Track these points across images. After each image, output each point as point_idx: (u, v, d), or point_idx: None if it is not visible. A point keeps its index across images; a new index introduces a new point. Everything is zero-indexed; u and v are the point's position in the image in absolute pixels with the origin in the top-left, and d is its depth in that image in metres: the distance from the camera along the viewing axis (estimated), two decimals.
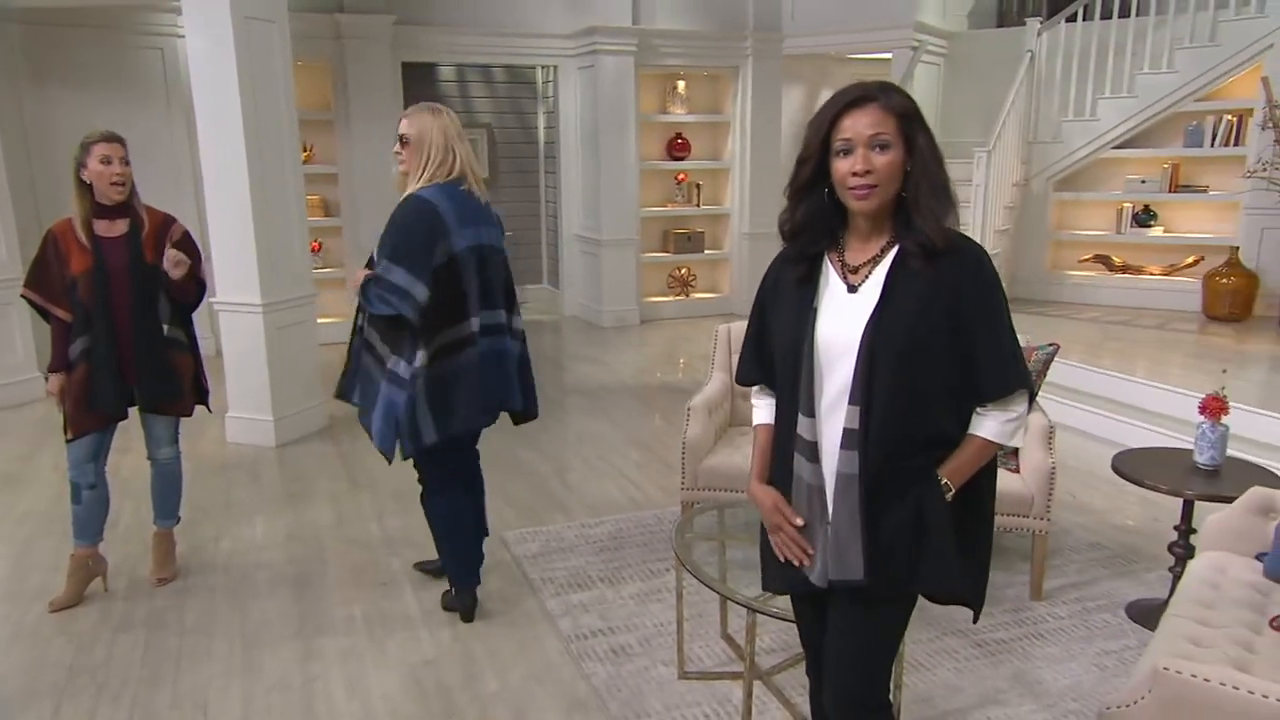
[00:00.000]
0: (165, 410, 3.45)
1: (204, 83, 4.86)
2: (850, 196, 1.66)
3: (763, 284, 1.89)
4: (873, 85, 1.67)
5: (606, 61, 8.23)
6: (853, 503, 1.68)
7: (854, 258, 1.74)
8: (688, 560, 2.64)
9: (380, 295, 2.88)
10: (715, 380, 3.89)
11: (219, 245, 5.04)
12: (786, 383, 1.78)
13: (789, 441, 1.77)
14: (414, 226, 2.87)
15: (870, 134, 1.62)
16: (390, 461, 3.07)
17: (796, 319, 1.74)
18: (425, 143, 2.97)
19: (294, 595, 3.50)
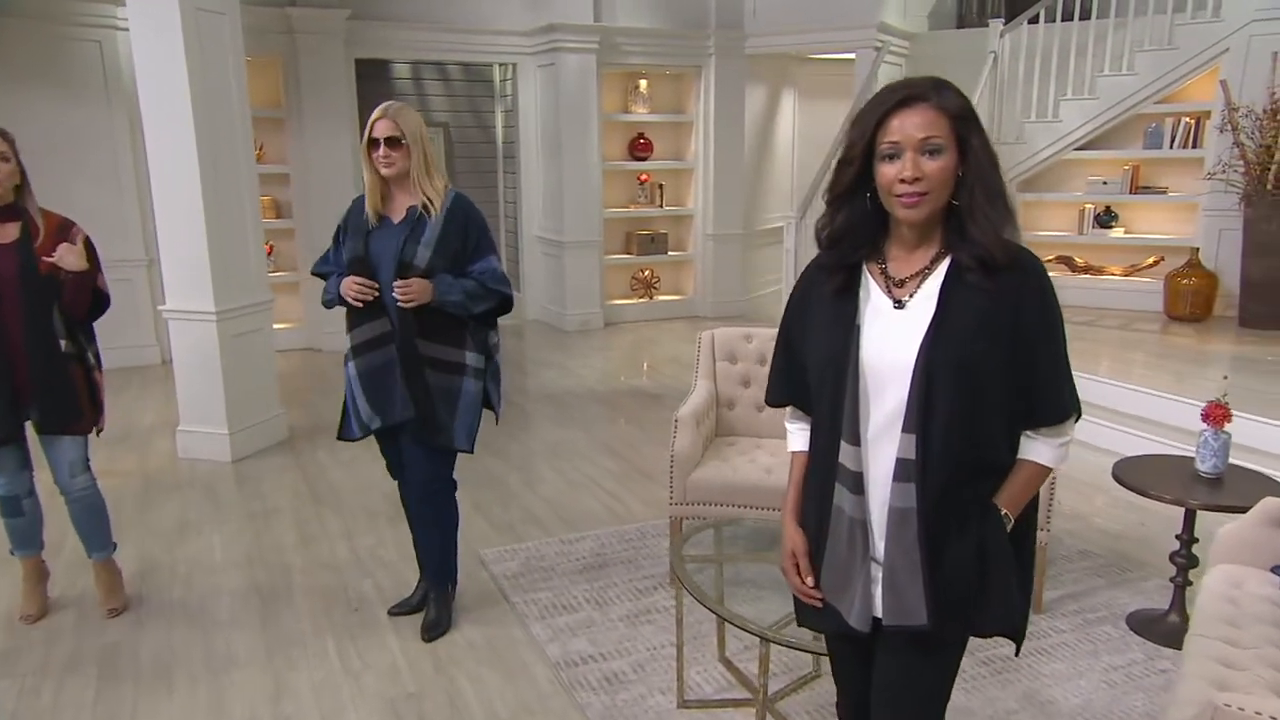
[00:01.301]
0: (67, 430, 3.15)
1: (151, 78, 4.58)
2: (897, 205, 1.52)
3: (793, 295, 1.74)
4: (924, 83, 1.52)
5: (568, 60, 8.05)
6: (910, 540, 1.53)
7: (899, 270, 1.59)
8: (690, 585, 2.49)
9: (496, 290, 2.98)
10: (700, 389, 3.75)
11: (168, 250, 4.77)
12: (825, 406, 1.63)
13: (828, 471, 1.63)
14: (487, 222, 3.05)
15: (921, 137, 1.48)
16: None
17: (836, 336, 1.59)
18: (421, 141, 2.88)
19: (260, 624, 3.27)
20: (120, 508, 4.24)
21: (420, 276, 2.87)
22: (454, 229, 2.91)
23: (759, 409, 3.84)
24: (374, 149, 2.86)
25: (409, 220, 2.92)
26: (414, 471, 3.12)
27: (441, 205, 2.90)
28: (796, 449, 1.79)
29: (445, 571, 3.27)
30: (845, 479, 1.59)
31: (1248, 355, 6.12)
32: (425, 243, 2.88)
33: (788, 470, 1.81)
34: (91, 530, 3.35)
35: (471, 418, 3.05)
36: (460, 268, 2.93)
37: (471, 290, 2.93)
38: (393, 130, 2.83)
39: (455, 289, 2.90)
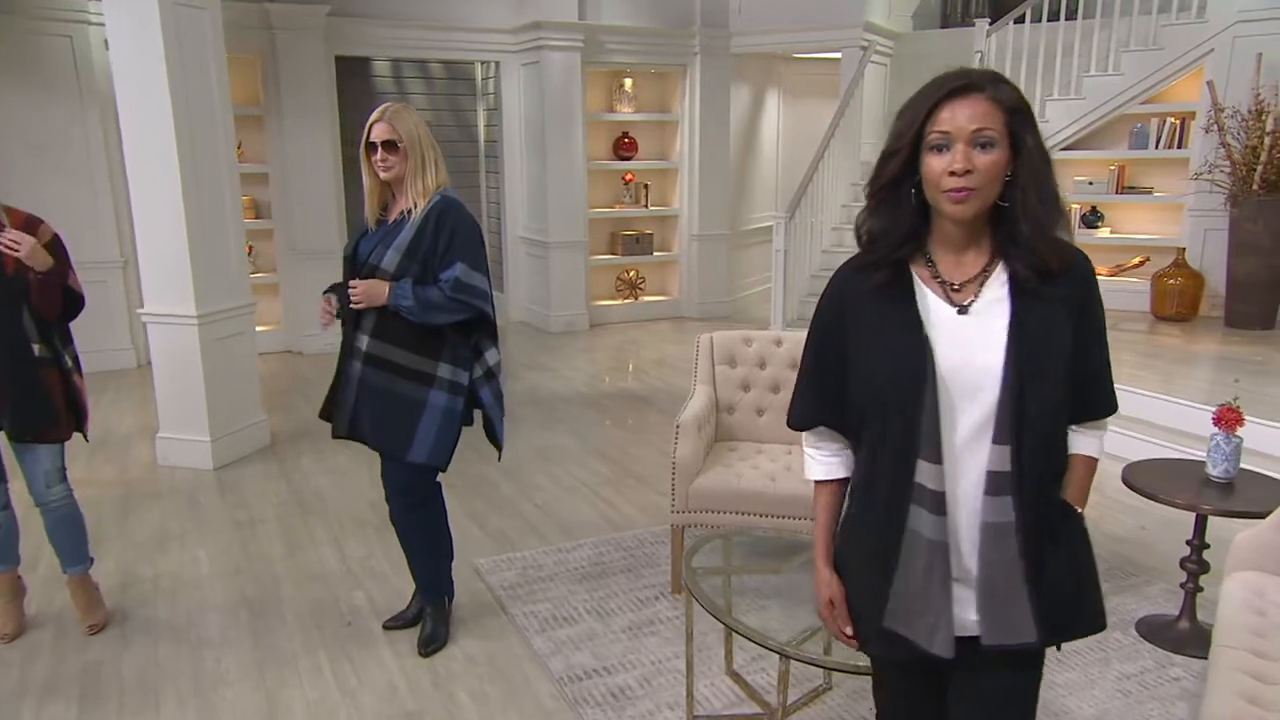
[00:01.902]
0: (40, 438, 3.00)
1: (128, 75, 4.44)
2: (944, 199, 1.43)
3: (822, 304, 1.61)
4: (980, 73, 1.45)
5: (553, 58, 7.95)
6: (1010, 555, 1.46)
7: (952, 273, 1.51)
8: (705, 600, 2.41)
9: (460, 300, 2.79)
10: (700, 394, 3.67)
11: (147, 251, 4.62)
12: (895, 423, 1.49)
13: (899, 493, 1.50)
14: (478, 230, 2.89)
15: (974, 129, 1.40)
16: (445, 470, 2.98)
17: (906, 346, 1.47)
18: (419, 143, 2.77)
19: (250, 640, 3.16)
20: (99, 518, 4.11)
21: (389, 280, 2.76)
22: (428, 233, 2.77)
23: (759, 413, 3.77)
24: (372, 153, 2.77)
25: (395, 222, 2.83)
26: (388, 482, 3.03)
27: (423, 208, 2.79)
28: (821, 478, 1.66)
29: (439, 584, 3.17)
30: (924, 500, 1.48)
31: (1235, 355, 6.13)
32: (395, 246, 2.77)
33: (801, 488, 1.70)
34: (68, 544, 3.21)
35: (436, 431, 2.86)
36: (434, 274, 2.80)
37: (430, 299, 2.77)
38: (389, 134, 2.74)
39: (407, 294, 2.75)
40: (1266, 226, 6.83)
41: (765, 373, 3.78)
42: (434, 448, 2.88)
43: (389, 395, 2.85)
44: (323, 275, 7.37)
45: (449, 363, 2.87)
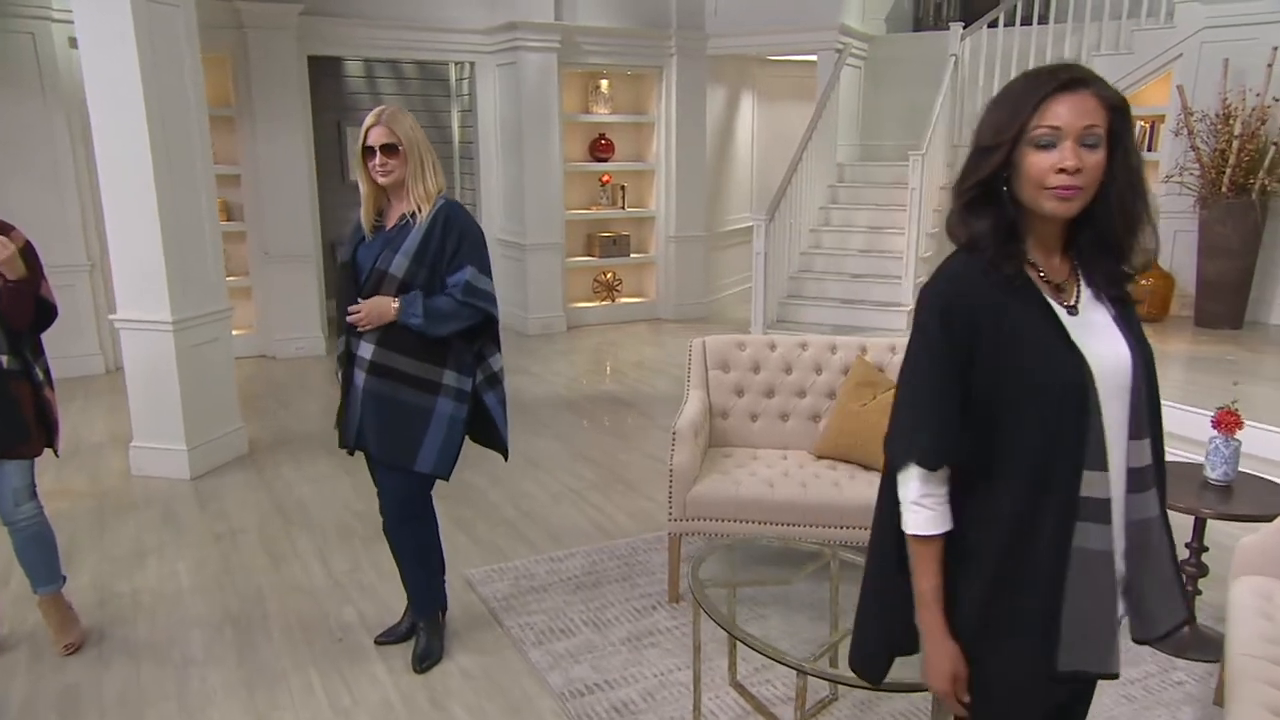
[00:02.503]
0: (10, 454, 2.89)
1: (99, 74, 4.30)
2: (1048, 197, 1.37)
3: (949, 313, 1.43)
4: (1084, 69, 1.39)
5: (529, 58, 7.87)
6: (1156, 549, 1.47)
7: (1053, 273, 1.46)
8: (720, 617, 2.35)
9: (471, 305, 2.75)
10: (694, 400, 3.62)
11: (120, 256, 4.48)
12: (1057, 437, 1.39)
13: (1067, 514, 1.40)
14: (482, 233, 2.85)
15: (1084, 125, 1.35)
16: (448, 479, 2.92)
17: (1060, 351, 1.39)
18: (418, 146, 2.72)
19: (236, 659, 3.06)
20: (72, 531, 3.98)
21: (399, 286, 2.70)
22: (435, 236, 2.72)
23: (753, 418, 3.74)
24: (369, 157, 2.70)
25: (397, 227, 2.76)
26: (384, 493, 2.94)
27: (428, 212, 2.73)
28: (937, 531, 1.46)
29: (432, 598, 3.10)
30: (1091, 512, 1.40)
31: (1205, 355, 6.22)
32: (404, 251, 2.71)
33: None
34: (38, 563, 3.08)
35: (443, 440, 2.81)
36: (441, 279, 2.75)
37: (440, 310, 2.71)
38: (388, 137, 2.67)
39: (417, 311, 2.69)
40: (1235, 228, 6.94)
41: (759, 377, 3.74)
42: (440, 457, 2.82)
43: (395, 404, 2.78)
44: (297, 279, 7.34)
45: (454, 369, 2.81)
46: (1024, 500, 1.42)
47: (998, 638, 1.46)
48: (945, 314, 1.44)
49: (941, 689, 1.50)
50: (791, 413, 3.72)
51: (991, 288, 1.42)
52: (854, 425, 3.45)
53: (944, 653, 1.48)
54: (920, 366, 1.47)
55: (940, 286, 1.47)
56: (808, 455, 3.60)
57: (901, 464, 1.49)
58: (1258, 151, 6.75)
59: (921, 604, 1.50)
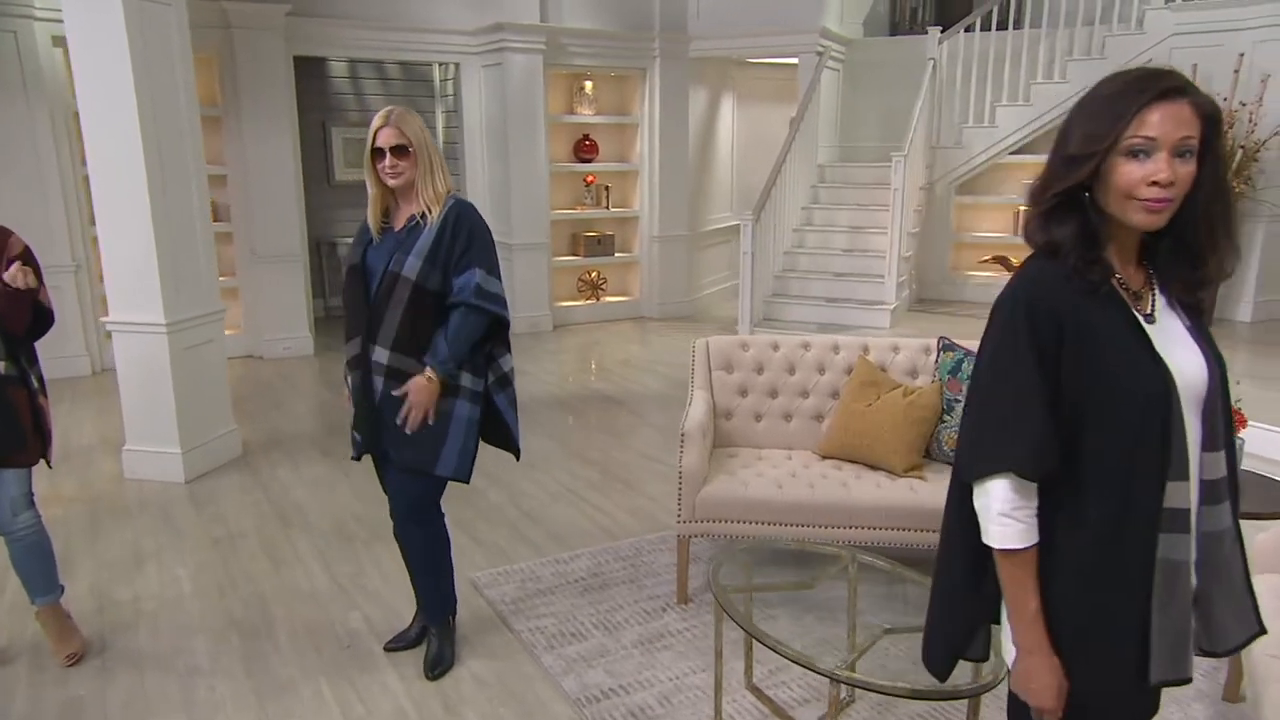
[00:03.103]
0: (7, 463, 2.84)
1: (90, 73, 4.24)
2: (1137, 209, 1.35)
3: (1034, 318, 1.39)
4: (1180, 76, 1.35)
5: (515, 60, 7.85)
6: (1228, 561, 1.46)
7: (1130, 281, 1.45)
8: (748, 624, 2.35)
9: (483, 309, 2.74)
10: (698, 401, 3.64)
11: (112, 258, 4.42)
12: (1144, 447, 1.38)
13: (1152, 524, 1.38)
14: (491, 234, 2.83)
15: (1179, 137, 1.32)
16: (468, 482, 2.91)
17: (1144, 360, 1.38)
18: (426, 146, 2.71)
19: (243, 666, 3.03)
20: (66, 537, 3.92)
21: (412, 288, 2.66)
22: (446, 237, 2.69)
23: (757, 419, 3.77)
24: (378, 159, 2.68)
25: (406, 229, 2.74)
26: (397, 497, 2.91)
27: (439, 212, 2.71)
28: (1028, 544, 1.43)
29: (442, 603, 3.07)
30: (1173, 523, 1.38)
31: None
32: (415, 252, 2.68)
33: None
34: (35, 574, 3.03)
35: (463, 443, 2.81)
36: (449, 279, 2.73)
37: (457, 336, 2.72)
38: (398, 138, 2.65)
39: (445, 357, 2.72)
40: None
41: (763, 378, 3.77)
42: (460, 460, 2.81)
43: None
44: (284, 279, 7.26)
45: (469, 371, 2.80)
46: (1110, 509, 1.40)
47: (1090, 649, 1.45)
48: (1030, 316, 1.40)
49: (1050, 705, 1.45)
50: (795, 413, 3.75)
51: (1073, 293, 1.39)
52: (859, 425, 3.49)
53: (1050, 668, 1.44)
54: (1005, 371, 1.42)
55: (1021, 290, 1.43)
56: (812, 455, 3.63)
57: (986, 474, 1.43)
58: (1227, 154, 6.89)
59: (1022, 621, 1.45)
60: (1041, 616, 1.44)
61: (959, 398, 3.45)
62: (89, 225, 6.55)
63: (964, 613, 1.59)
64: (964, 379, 3.46)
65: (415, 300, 2.68)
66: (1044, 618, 1.44)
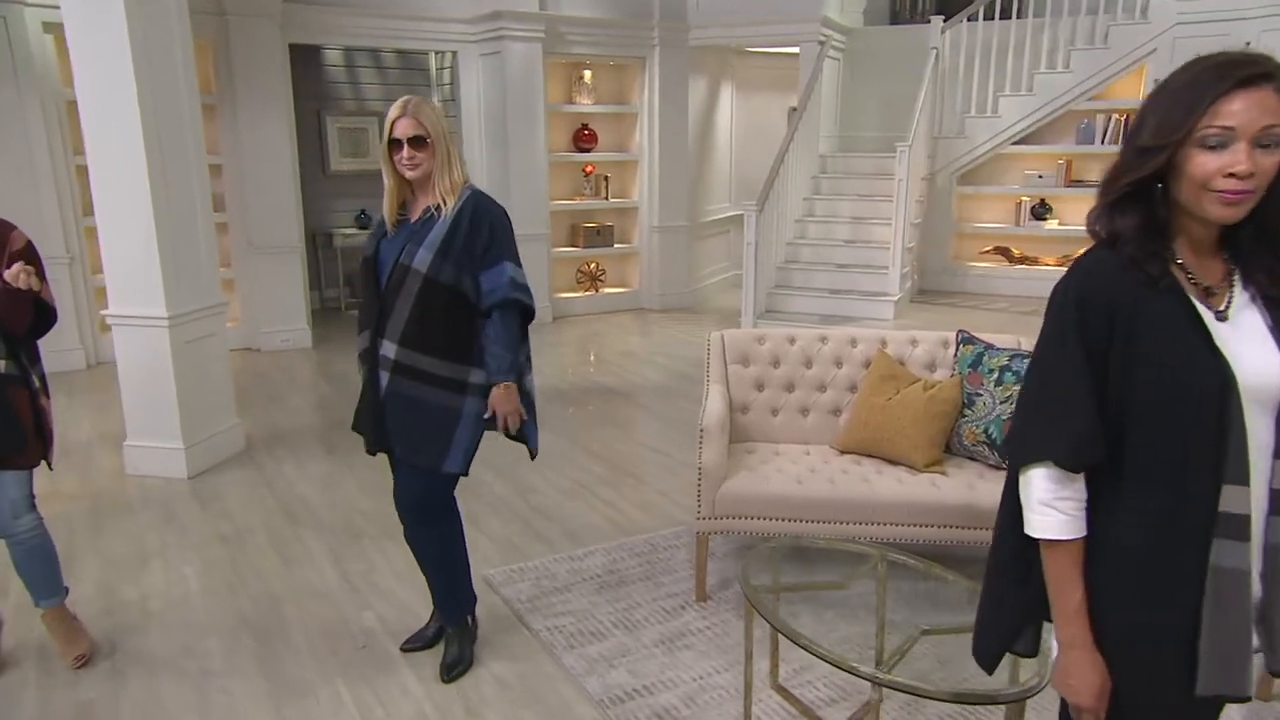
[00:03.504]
0: (7, 464, 2.76)
1: (89, 61, 4.14)
2: (1213, 201, 1.29)
3: (1087, 307, 1.36)
4: (1267, 60, 1.28)
5: (514, 48, 7.76)
6: None
7: (1203, 276, 1.39)
8: (784, 628, 2.29)
9: (517, 301, 2.67)
10: (715, 395, 3.58)
11: (112, 251, 4.33)
12: (1197, 446, 1.33)
13: (1204, 528, 1.34)
14: (510, 224, 2.76)
15: (1261, 126, 1.25)
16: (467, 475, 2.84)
17: (1202, 355, 1.32)
18: (444, 136, 2.62)
19: (257, 668, 2.97)
20: (68, 535, 3.85)
21: (422, 281, 2.59)
22: (462, 230, 2.61)
23: (774, 413, 3.72)
24: (395, 150, 2.60)
25: (421, 220, 2.66)
26: (403, 493, 2.84)
27: (454, 204, 2.63)
28: (1071, 535, 1.40)
29: (458, 602, 3.00)
30: (1229, 528, 1.33)
31: None
32: (427, 244, 2.60)
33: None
34: (39, 576, 2.96)
35: (469, 438, 2.75)
36: (471, 274, 2.65)
37: (505, 338, 2.66)
38: (416, 129, 2.57)
39: (504, 367, 2.67)
40: None
41: (779, 371, 3.72)
42: (466, 455, 2.76)
43: (421, 405, 2.68)
44: (281, 270, 7.17)
45: (480, 367, 2.72)
46: (1159, 506, 1.37)
47: (1134, 651, 1.41)
48: (1081, 307, 1.37)
49: (1089, 704, 1.41)
50: (812, 407, 3.71)
51: (1131, 285, 1.35)
52: (879, 419, 3.44)
53: (1091, 665, 1.41)
54: (1053, 361, 1.40)
55: (1076, 280, 1.40)
56: (830, 450, 3.59)
57: (1029, 463, 1.42)
58: None
59: (1063, 615, 1.43)
60: (1085, 611, 1.41)
61: (980, 391, 3.41)
62: (83, 216, 6.44)
63: (1011, 605, 1.57)
64: (985, 372, 3.42)
65: (426, 294, 2.60)
66: (1089, 614, 1.42)
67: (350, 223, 8.98)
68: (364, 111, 8.90)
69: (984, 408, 3.37)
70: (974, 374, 3.46)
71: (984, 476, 3.29)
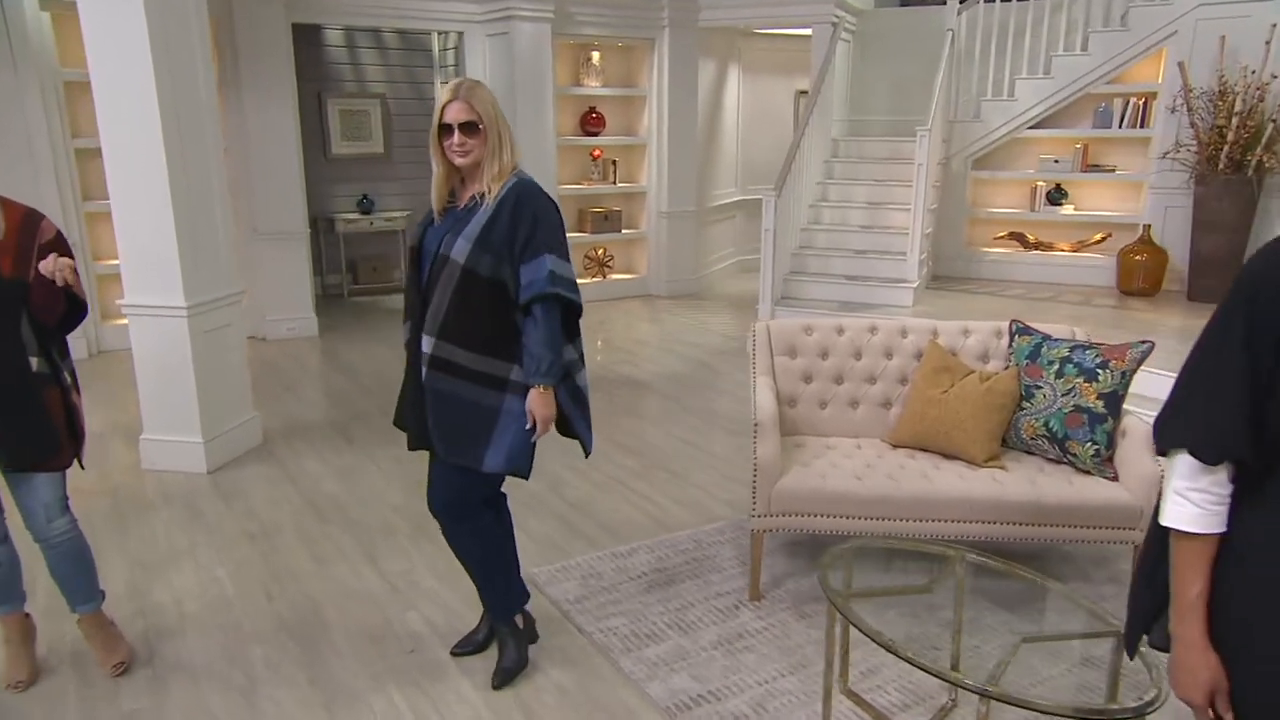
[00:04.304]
0: (42, 466, 2.62)
1: (103, 39, 3.96)
2: None
3: (1252, 293, 1.30)
4: None
5: (522, 28, 7.58)
6: None
7: None
8: (873, 632, 2.18)
9: (563, 296, 2.52)
10: (763, 388, 3.47)
11: (128, 239, 4.16)
12: None
13: None
14: (559, 213, 2.61)
15: None
16: (528, 477, 2.70)
17: None
18: (497, 121, 2.49)
19: (306, 675, 2.85)
20: (92, 534, 3.59)
21: (461, 272, 2.45)
22: (503, 221, 2.47)
23: (822, 406, 3.62)
24: (445, 136, 2.46)
25: (466, 208, 2.52)
26: (436, 491, 2.70)
27: (497, 192, 2.48)
28: (1209, 530, 1.35)
29: (505, 601, 2.88)
30: None
31: None
32: (466, 235, 2.46)
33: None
34: (75, 580, 2.83)
35: (513, 436, 2.59)
36: (511, 266, 2.49)
37: (549, 339, 2.50)
38: (468, 114, 2.43)
39: (544, 368, 2.50)
40: (1232, 204, 7.01)
41: (827, 363, 3.62)
42: (512, 452, 2.59)
43: (458, 402, 2.55)
44: (287, 257, 7.00)
45: (519, 364, 2.56)
46: None
47: (1258, 659, 1.34)
48: (1253, 292, 1.29)
49: (1197, 701, 1.37)
50: (862, 399, 3.61)
51: None
52: (936, 412, 3.35)
53: (1203, 663, 1.37)
54: (1211, 346, 1.34)
55: (1256, 264, 1.31)
56: (883, 444, 3.50)
57: (1168, 447, 1.38)
58: (1257, 128, 6.80)
59: (1179, 609, 1.38)
60: (1200, 606, 1.37)
61: (1039, 383, 3.32)
62: (83, 201, 6.26)
63: (1150, 591, 1.52)
64: (1044, 364, 3.33)
65: (464, 286, 2.47)
66: (1211, 611, 1.37)
67: (352, 208, 8.81)
68: (365, 94, 8.70)
69: (1044, 400, 3.28)
70: (1032, 365, 3.37)
71: (1045, 471, 3.21)
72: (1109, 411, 3.15)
